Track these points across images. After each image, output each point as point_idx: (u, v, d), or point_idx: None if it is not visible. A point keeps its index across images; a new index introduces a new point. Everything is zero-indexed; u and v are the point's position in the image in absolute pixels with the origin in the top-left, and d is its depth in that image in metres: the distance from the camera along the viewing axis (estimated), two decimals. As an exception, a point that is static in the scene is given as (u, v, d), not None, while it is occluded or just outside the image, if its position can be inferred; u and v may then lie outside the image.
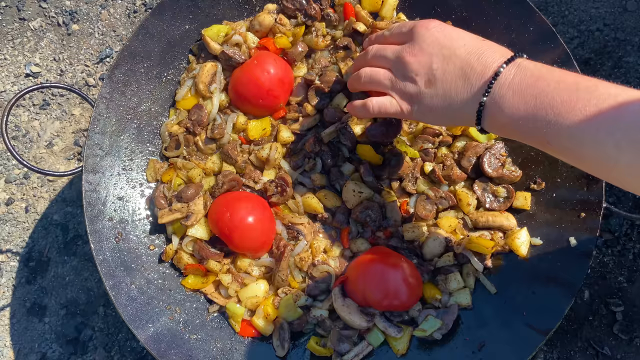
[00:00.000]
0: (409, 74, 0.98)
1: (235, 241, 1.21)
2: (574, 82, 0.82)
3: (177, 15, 1.32)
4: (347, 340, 1.20)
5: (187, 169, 1.30)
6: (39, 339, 1.53)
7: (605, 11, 1.60)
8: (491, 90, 0.89)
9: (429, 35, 0.98)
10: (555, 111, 0.82)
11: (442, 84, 0.95)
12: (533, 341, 1.12)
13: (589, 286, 1.47)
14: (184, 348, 1.19)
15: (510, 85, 0.87)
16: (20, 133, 1.66)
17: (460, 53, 0.94)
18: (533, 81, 0.85)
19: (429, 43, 0.97)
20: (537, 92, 0.84)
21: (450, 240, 1.23)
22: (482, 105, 0.91)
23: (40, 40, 1.72)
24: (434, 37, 0.97)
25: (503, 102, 0.88)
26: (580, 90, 0.81)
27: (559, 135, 0.82)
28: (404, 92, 1.00)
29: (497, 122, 0.91)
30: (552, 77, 0.85)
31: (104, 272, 1.19)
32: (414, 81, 0.98)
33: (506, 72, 0.88)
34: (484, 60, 0.92)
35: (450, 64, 0.94)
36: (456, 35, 0.98)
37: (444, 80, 0.95)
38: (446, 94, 0.95)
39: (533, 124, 0.85)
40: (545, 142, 0.86)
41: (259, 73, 1.24)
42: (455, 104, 0.95)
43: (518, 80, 0.87)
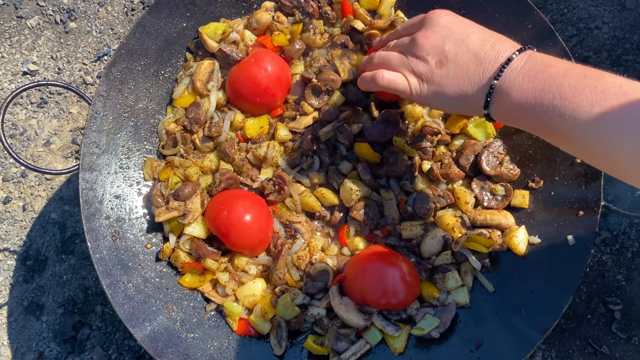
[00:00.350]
0: (420, 53, 1.00)
1: (233, 239, 1.20)
2: (582, 70, 0.85)
3: (175, 12, 1.32)
4: (345, 339, 1.19)
5: (185, 167, 1.30)
6: (37, 338, 1.53)
7: (604, 9, 1.60)
8: (502, 75, 0.91)
9: (442, 20, 1.01)
10: (563, 95, 0.84)
11: (453, 65, 0.97)
12: (531, 340, 1.12)
13: (587, 285, 1.47)
14: (181, 347, 1.19)
15: (521, 70, 0.90)
16: (18, 131, 1.66)
17: (474, 39, 0.97)
18: (543, 67, 0.88)
19: (442, 26, 1.00)
20: (546, 77, 0.87)
21: (449, 239, 1.22)
22: (492, 88, 0.93)
23: (38, 38, 1.71)
24: (447, 22, 1.00)
25: (513, 86, 0.90)
26: (588, 78, 0.83)
27: (564, 119, 0.84)
28: (414, 71, 1.01)
29: (504, 107, 0.93)
30: (561, 65, 0.87)
31: (101, 270, 1.19)
32: (425, 60, 1.00)
33: (518, 59, 0.91)
34: (497, 47, 0.95)
35: (463, 47, 0.97)
36: (469, 24, 1.01)
37: (455, 62, 0.97)
38: (457, 76, 0.97)
39: (540, 109, 0.87)
40: (549, 127, 0.88)
41: (257, 71, 1.23)
42: (465, 86, 0.97)
43: (529, 67, 0.90)
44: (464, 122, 1.26)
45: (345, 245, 1.28)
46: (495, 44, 0.95)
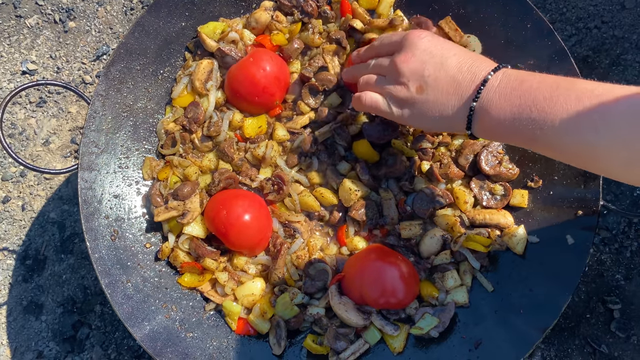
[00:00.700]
0: (401, 79, 1.02)
1: (232, 239, 1.20)
2: (554, 81, 0.89)
3: (173, 12, 1.31)
4: (344, 338, 1.19)
5: (184, 166, 1.30)
6: (36, 337, 1.53)
7: (603, 8, 1.60)
8: (480, 96, 0.95)
9: (421, 44, 1.02)
10: (539, 107, 0.87)
11: (433, 90, 1.00)
12: (530, 339, 1.12)
13: (586, 284, 1.47)
14: (180, 346, 1.19)
15: (497, 89, 0.93)
16: (17, 131, 1.65)
17: (452, 62, 0.99)
18: (517, 84, 0.92)
19: (421, 50, 1.02)
20: (521, 93, 0.90)
21: (448, 238, 1.22)
22: (472, 110, 0.96)
23: (37, 37, 1.71)
24: (426, 46, 1.02)
25: (491, 106, 0.94)
26: (560, 88, 0.87)
27: (543, 130, 0.87)
28: (396, 96, 1.04)
29: (485, 126, 0.96)
30: (534, 79, 0.91)
31: (100, 270, 1.19)
32: (406, 86, 1.02)
33: (493, 79, 0.95)
34: (473, 69, 0.97)
35: (442, 71, 0.99)
36: (447, 45, 1.03)
37: (435, 86, 0.99)
38: (437, 100, 1.00)
39: (519, 123, 0.90)
40: (531, 139, 0.91)
41: (255, 70, 1.23)
42: (446, 110, 1.00)
43: (504, 85, 0.93)
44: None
45: (345, 244, 1.28)
46: (472, 65, 0.98)
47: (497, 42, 1.29)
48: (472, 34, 1.31)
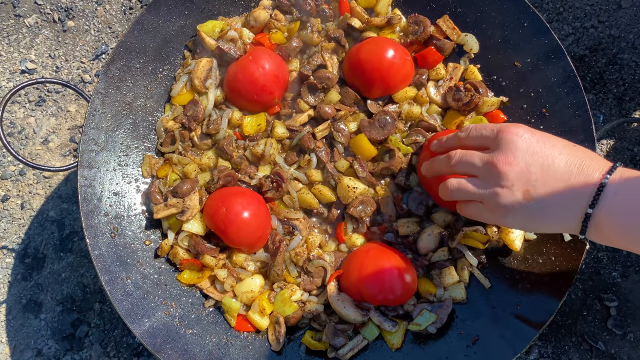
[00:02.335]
0: (504, 183, 0.94)
1: (231, 236, 1.21)
2: None
3: (173, 11, 1.32)
4: (342, 335, 1.20)
5: (183, 164, 1.30)
6: (35, 336, 1.53)
7: (599, 8, 1.61)
8: (598, 204, 0.88)
9: (522, 143, 0.94)
10: None
11: (542, 195, 0.92)
12: (527, 335, 1.13)
13: (583, 281, 1.47)
14: (180, 343, 1.20)
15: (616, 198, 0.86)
16: (16, 130, 1.66)
17: (559, 163, 0.92)
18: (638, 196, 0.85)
19: (523, 151, 0.93)
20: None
21: (445, 235, 1.23)
22: (588, 216, 0.89)
23: (36, 36, 1.72)
24: (527, 145, 0.93)
25: (613, 214, 0.87)
26: None
27: None
28: (499, 203, 0.95)
29: (606, 233, 0.89)
30: None
31: (100, 267, 1.19)
32: (511, 191, 0.93)
33: (610, 185, 0.87)
34: (585, 170, 0.90)
35: (550, 174, 0.91)
36: (549, 142, 0.94)
37: (545, 191, 0.91)
38: (546, 206, 0.92)
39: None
40: None
41: (254, 69, 1.24)
42: (557, 215, 0.92)
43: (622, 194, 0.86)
44: (461, 118, 1.27)
45: (343, 242, 1.28)
46: (582, 164, 0.91)
47: (494, 40, 1.30)
48: (469, 32, 1.32)
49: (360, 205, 1.25)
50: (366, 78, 1.25)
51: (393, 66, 1.23)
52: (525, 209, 0.93)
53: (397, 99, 1.30)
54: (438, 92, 1.31)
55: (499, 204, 0.95)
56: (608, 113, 1.56)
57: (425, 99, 1.30)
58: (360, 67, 1.24)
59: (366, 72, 1.24)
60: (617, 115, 1.55)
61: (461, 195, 1.01)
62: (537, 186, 0.92)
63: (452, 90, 1.28)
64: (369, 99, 1.30)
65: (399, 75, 1.25)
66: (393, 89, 1.28)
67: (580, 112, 1.21)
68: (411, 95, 1.30)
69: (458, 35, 1.32)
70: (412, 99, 1.31)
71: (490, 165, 0.95)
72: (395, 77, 1.25)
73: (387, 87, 1.27)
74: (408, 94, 1.30)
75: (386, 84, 1.26)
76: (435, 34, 1.31)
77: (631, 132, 1.55)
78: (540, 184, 0.91)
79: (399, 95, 1.30)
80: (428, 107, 1.31)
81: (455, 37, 1.31)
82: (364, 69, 1.24)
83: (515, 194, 0.93)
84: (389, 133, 1.26)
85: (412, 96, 1.30)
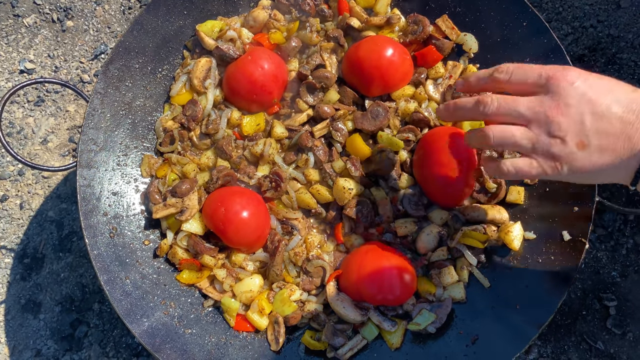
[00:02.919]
0: (557, 133, 0.88)
1: (230, 236, 1.21)
2: None
3: (172, 11, 1.32)
4: (342, 334, 1.20)
5: (182, 164, 1.30)
6: (34, 336, 1.53)
7: (599, 8, 1.61)
8: None
9: (573, 90, 0.88)
10: None
11: (597, 145, 0.87)
12: (526, 335, 1.13)
13: (582, 281, 1.47)
14: (179, 342, 1.20)
15: None
16: (15, 130, 1.66)
17: (616, 110, 0.86)
18: None
19: (576, 98, 0.88)
20: None
21: (444, 235, 1.23)
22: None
23: (35, 36, 1.71)
24: (580, 91, 0.88)
25: None
26: None
27: None
28: (550, 154, 0.90)
29: None
30: None
31: (99, 267, 1.19)
32: (564, 141, 0.88)
33: None
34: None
35: (605, 122, 0.86)
36: (604, 87, 0.89)
37: (599, 141, 0.87)
38: (602, 155, 0.88)
39: None
40: None
41: (253, 69, 1.24)
42: (612, 164, 0.88)
43: None
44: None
45: (342, 242, 1.28)
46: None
47: (493, 40, 1.30)
48: (468, 32, 1.32)
49: (357, 207, 1.24)
50: (365, 76, 1.25)
51: (392, 64, 1.23)
52: (579, 160, 0.89)
53: (395, 97, 1.30)
54: (437, 90, 1.31)
55: (552, 155, 0.90)
56: (607, 113, 1.56)
57: (423, 96, 1.30)
58: (359, 65, 1.24)
59: (365, 70, 1.24)
60: (616, 114, 1.55)
61: (506, 145, 0.93)
62: (590, 136, 0.87)
63: (451, 88, 1.28)
64: (368, 98, 1.30)
65: (398, 74, 1.25)
66: (392, 88, 1.28)
67: (579, 112, 1.21)
68: (409, 93, 1.30)
69: (457, 34, 1.32)
70: (410, 96, 1.31)
71: (540, 113, 0.89)
72: (394, 76, 1.25)
73: (386, 86, 1.27)
74: (406, 92, 1.30)
75: (385, 82, 1.26)
76: (434, 34, 1.31)
77: (630, 132, 1.54)
78: (593, 133, 0.87)
79: (398, 93, 1.30)
80: (427, 104, 1.31)
81: (455, 36, 1.31)
82: (362, 67, 1.24)
83: (568, 144, 0.88)
84: (381, 124, 1.25)
85: (411, 94, 1.30)
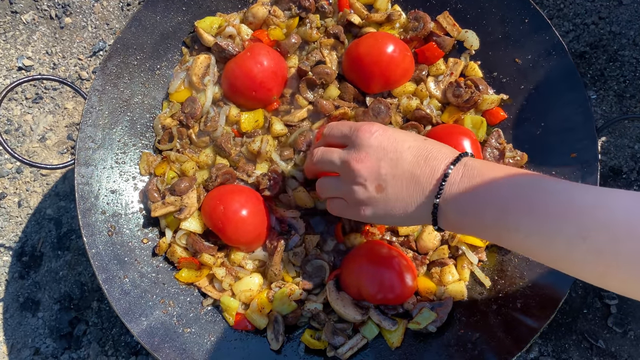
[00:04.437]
0: (358, 180, 0.98)
1: (229, 234, 1.20)
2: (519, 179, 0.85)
3: (170, 7, 1.31)
4: (342, 333, 1.19)
5: (181, 162, 1.29)
6: (33, 334, 1.52)
7: (600, 4, 1.60)
8: (442, 193, 0.91)
9: (373, 141, 0.97)
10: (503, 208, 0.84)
11: (393, 188, 0.96)
12: (527, 333, 1.12)
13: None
14: (178, 342, 1.19)
15: (459, 185, 0.89)
16: (13, 127, 1.65)
17: (407, 156, 0.95)
18: (480, 181, 0.88)
19: (374, 148, 0.97)
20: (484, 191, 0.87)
21: (445, 233, 1.22)
22: (436, 206, 0.92)
23: (33, 33, 1.70)
24: (378, 142, 0.97)
25: (455, 203, 0.90)
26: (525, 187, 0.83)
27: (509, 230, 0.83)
28: (356, 199, 1.00)
29: (451, 222, 0.93)
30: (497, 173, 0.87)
31: (97, 265, 1.18)
32: (364, 187, 0.98)
33: (454, 173, 0.90)
34: (431, 162, 0.93)
35: (399, 167, 0.95)
36: (400, 137, 0.98)
37: (394, 185, 0.95)
38: (398, 198, 0.96)
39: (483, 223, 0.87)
40: (497, 238, 0.88)
41: (252, 65, 1.23)
42: (410, 207, 0.96)
43: (466, 181, 0.89)
44: (459, 114, 1.27)
45: (342, 241, 1.28)
46: (429, 157, 0.94)
47: (494, 37, 1.30)
48: (469, 29, 1.31)
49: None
50: (365, 73, 1.24)
51: (393, 60, 1.22)
52: (380, 202, 0.97)
53: (396, 93, 1.29)
54: (438, 87, 1.30)
55: (356, 200, 1.00)
56: (609, 110, 1.55)
57: (425, 93, 1.29)
58: (360, 62, 1.24)
59: (365, 66, 1.23)
60: (617, 112, 1.55)
61: (325, 192, 1.09)
62: (387, 180, 0.95)
63: (453, 86, 1.27)
64: (368, 95, 1.30)
65: (399, 70, 1.25)
66: (393, 84, 1.28)
67: (581, 109, 1.21)
68: (410, 90, 1.29)
69: (458, 31, 1.31)
70: (412, 93, 1.30)
71: (345, 163, 1.00)
72: (395, 72, 1.24)
73: (386, 82, 1.26)
74: (407, 88, 1.29)
75: (386, 79, 1.25)
76: (435, 31, 1.30)
77: (632, 130, 1.54)
78: (389, 177, 0.95)
79: (399, 90, 1.29)
80: (428, 101, 1.30)
81: (456, 33, 1.31)
82: (363, 64, 1.23)
83: (368, 189, 0.97)
84: (383, 122, 1.24)
85: (412, 91, 1.30)
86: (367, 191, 0.98)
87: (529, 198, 0.82)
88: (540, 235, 0.80)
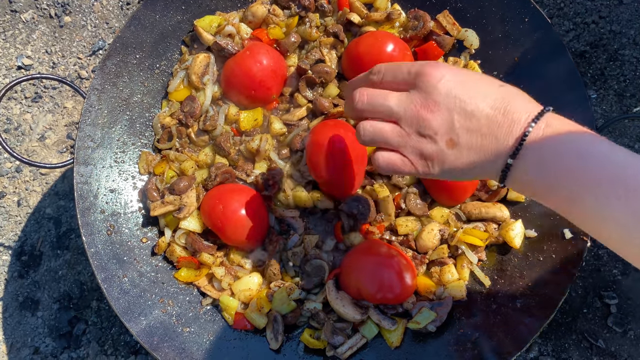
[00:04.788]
0: (427, 132, 0.86)
1: (228, 234, 1.20)
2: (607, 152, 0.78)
3: (170, 6, 1.31)
4: (341, 333, 1.19)
5: (180, 161, 1.29)
6: (32, 333, 1.52)
7: (600, 3, 1.60)
8: (519, 153, 0.82)
9: (442, 87, 0.85)
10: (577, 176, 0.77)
11: (466, 143, 0.85)
12: (527, 333, 1.12)
13: (583, 279, 1.47)
14: (177, 341, 1.19)
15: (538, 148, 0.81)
16: (12, 126, 1.64)
17: (484, 108, 0.84)
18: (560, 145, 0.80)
19: (445, 95, 0.85)
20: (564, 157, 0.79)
21: (445, 233, 1.22)
22: (508, 166, 0.84)
23: (32, 32, 1.70)
24: (449, 88, 0.85)
25: (528, 166, 0.82)
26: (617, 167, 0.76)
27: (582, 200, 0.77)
28: (421, 152, 0.88)
29: (520, 183, 0.85)
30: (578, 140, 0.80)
31: (96, 264, 1.18)
32: (434, 140, 0.86)
33: (534, 132, 0.81)
34: (510, 116, 0.83)
35: (474, 120, 0.84)
36: (473, 84, 0.87)
37: (468, 140, 0.85)
38: (470, 154, 0.86)
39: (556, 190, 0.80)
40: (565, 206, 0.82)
41: (251, 64, 1.23)
42: (480, 163, 0.86)
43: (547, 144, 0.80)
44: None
45: (341, 240, 1.27)
46: (508, 110, 0.83)
47: (494, 36, 1.29)
48: (469, 28, 1.31)
49: (353, 202, 1.23)
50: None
51: (392, 60, 1.22)
52: (449, 158, 0.87)
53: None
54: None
55: (421, 154, 0.88)
56: (609, 109, 1.55)
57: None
58: (360, 61, 1.23)
59: (365, 65, 1.22)
60: (618, 111, 1.54)
61: (376, 142, 0.91)
62: (460, 135, 0.85)
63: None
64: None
65: (399, 70, 1.24)
66: (392, 84, 1.27)
67: (581, 108, 1.20)
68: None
69: (458, 30, 1.30)
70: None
71: (410, 111, 0.87)
72: (394, 72, 1.24)
73: (386, 82, 1.26)
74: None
75: (385, 79, 1.25)
76: (435, 30, 1.30)
77: (632, 129, 1.54)
78: (464, 133, 0.85)
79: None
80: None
81: (456, 32, 1.30)
82: (363, 63, 1.23)
83: (438, 143, 0.86)
84: None
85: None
86: (437, 145, 0.86)
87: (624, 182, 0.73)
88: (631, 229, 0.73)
